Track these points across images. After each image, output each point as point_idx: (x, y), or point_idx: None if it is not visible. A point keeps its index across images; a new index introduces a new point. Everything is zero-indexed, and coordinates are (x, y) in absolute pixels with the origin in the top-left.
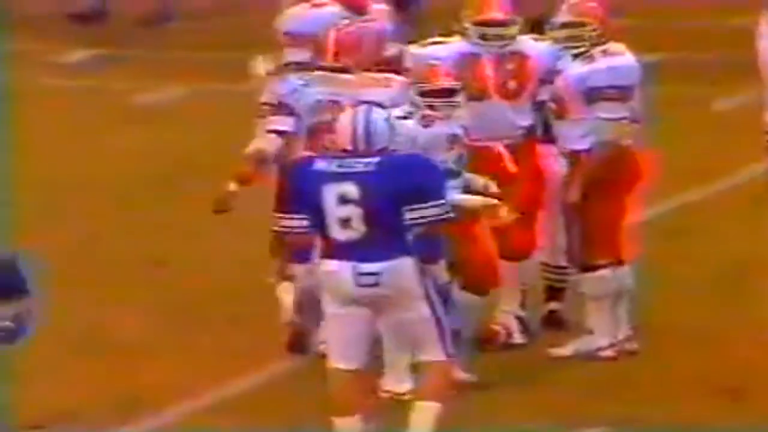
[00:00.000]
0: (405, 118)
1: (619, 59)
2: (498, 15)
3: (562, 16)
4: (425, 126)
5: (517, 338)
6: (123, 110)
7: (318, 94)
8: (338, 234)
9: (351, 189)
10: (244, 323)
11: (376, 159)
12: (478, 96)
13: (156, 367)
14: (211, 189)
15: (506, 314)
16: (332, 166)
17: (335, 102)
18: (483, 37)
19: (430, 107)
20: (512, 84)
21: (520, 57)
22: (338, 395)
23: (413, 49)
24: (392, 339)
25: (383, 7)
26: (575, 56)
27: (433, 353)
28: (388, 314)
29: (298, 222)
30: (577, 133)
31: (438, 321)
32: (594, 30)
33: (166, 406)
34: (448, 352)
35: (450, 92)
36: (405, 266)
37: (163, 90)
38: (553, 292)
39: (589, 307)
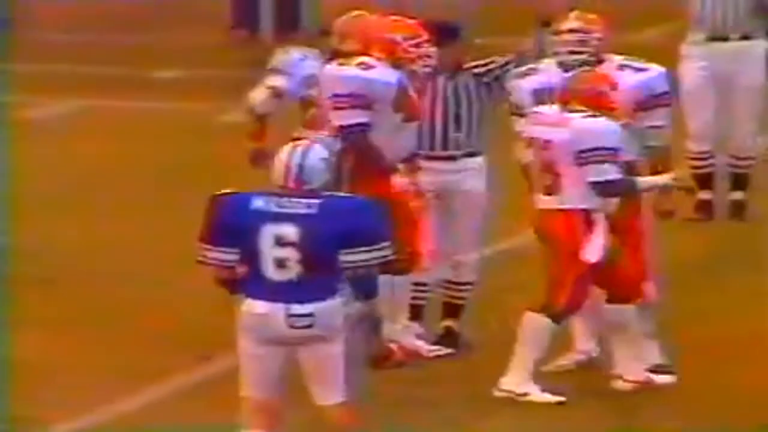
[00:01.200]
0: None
1: (656, 67)
2: None
3: (569, 23)
4: None
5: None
6: (11, 125)
7: (313, 68)
8: (272, 274)
9: (291, 231)
10: (142, 339)
11: (318, 201)
12: None
13: (51, 385)
14: (104, 205)
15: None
16: (271, 206)
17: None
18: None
19: None
20: None
21: None
22: (251, 418)
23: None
24: (304, 373)
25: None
26: (581, 63)
27: (333, 395)
28: (308, 350)
29: (226, 256)
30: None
31: (346, 359)
32: (599, 39)
33: (60, 424)
34: (344, 395)
35: None
36: (336, 306)
37: (55, 105)
38: (451, 309)
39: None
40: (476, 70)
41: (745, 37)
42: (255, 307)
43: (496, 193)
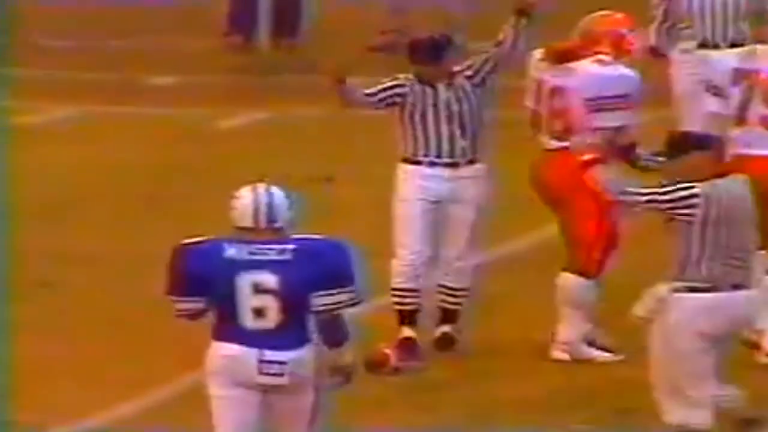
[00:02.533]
0: None
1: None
2: None
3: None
4: None
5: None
6: (9, 131)
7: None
8: (248, 322)
9: (268, 278)
10: (140, 344)
11: (290, 246)
12: None
13: (49, 389)
14: (101, 210)
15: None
16: (244, 253)
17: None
18: None
19: None
20: None
21: None
22: None
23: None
24: (268, 421)
25: None
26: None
27: None
28: (277, 398)
29: (196, 305)
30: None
31: (315, 410)
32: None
33: (58, 429)
34: None
35: None
36: (308, 355)
37: (51, 111)
38: (447, 315)
39: None
40: (466, 73)
41: (735, 45)
42: (225, 348)
43: (494, 198)
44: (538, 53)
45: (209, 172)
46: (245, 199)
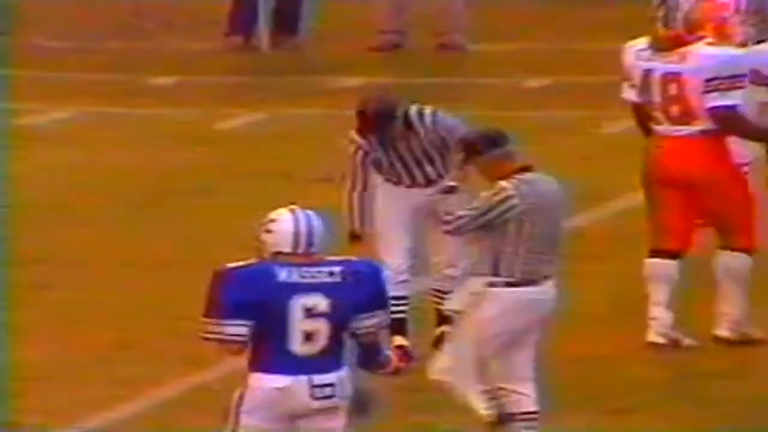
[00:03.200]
0: None
1: None
2: None
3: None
4: None
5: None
6: (8, 132)
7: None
8: (297, 347)
9: (320, 301)
10: (137, 346)
11: (337, 268)
12: None
13: (46, 391)
14: (100, 212)
15: None
16: (295, 276)
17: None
18: None
19: None
20: None
21: None
22: None
23: None
24: None
25: None
26: None
27: None
28: (312, 422)
29: (240, 330)
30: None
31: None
32: None
33: (54, 429)
34: None
35: None
36: (348, 374)
37: (49, 112)
38: (444, 316)
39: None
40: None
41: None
42: (273, 381)
43: None
44: (637, 44)
45: (209, 172)
46: (284, 224)
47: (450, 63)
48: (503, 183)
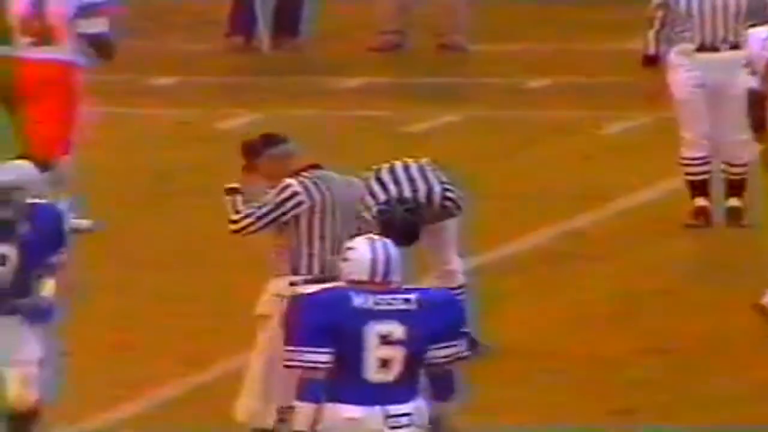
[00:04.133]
0: None
1: None
2: None
3: None
4: None
5: None
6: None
7: None
8: (372, 375)
9: (396, 329)
10: (137, 346)
11: (413, 296)
12: None
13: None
14: (100, 212)
15: None
16: (371, 303)
17: None
18: None
19: None
20: None
21: None
22: None
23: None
24: None
25: None
26: None
27: None
28: None
29: (321, 357)
30: None
31: None
32: None
33: (55, 428)
34: None
35: None
36: (423, 405)
37: None
38: None
39: None
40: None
41: (735, 47)
42: (347, 411)
43: (492, 201)
44: (761, 33)
45: (210, 172)
46: (362, 252)
47: (450, 63)
48: (288, 180)
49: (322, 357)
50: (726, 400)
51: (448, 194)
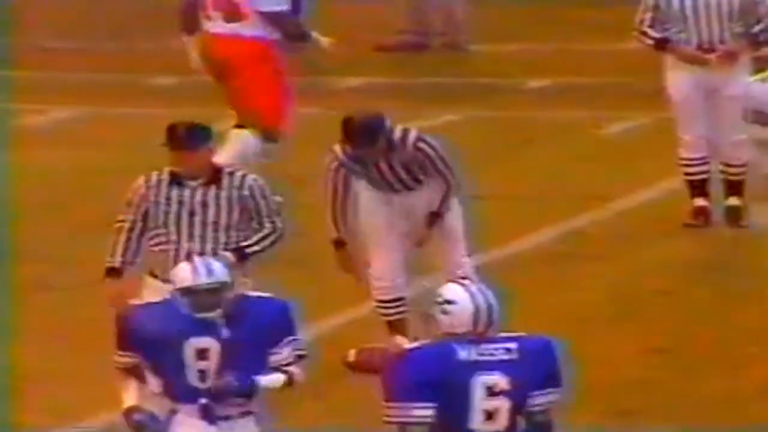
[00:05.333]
0: None
1: None
2: None
3: None
4: None
5: None
6: (9, 132)
7: None
8: (478, 426)
9: (500, 380)
10: None
11: (513, 345)
12: None
13: (46, 391)
14: (101, 212)
15: None
16: (474, 354)
17: None
18: None
19: None
20: None
21: None
22: None
23: None
24: None
25: None
26: None
27: None
28: None
29: (425, 412)
30: None
31: None
32: None
33: (55, 429)
34: None
35: None
36: None
37: (50, 112)
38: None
39: None
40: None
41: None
42: None
43: (492, 201)
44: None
45: None
46: (463, 305)
47: (451, 63)
48: (140, 180)
49: (427, 412)
50: (726, 400)
51: (424, 139)
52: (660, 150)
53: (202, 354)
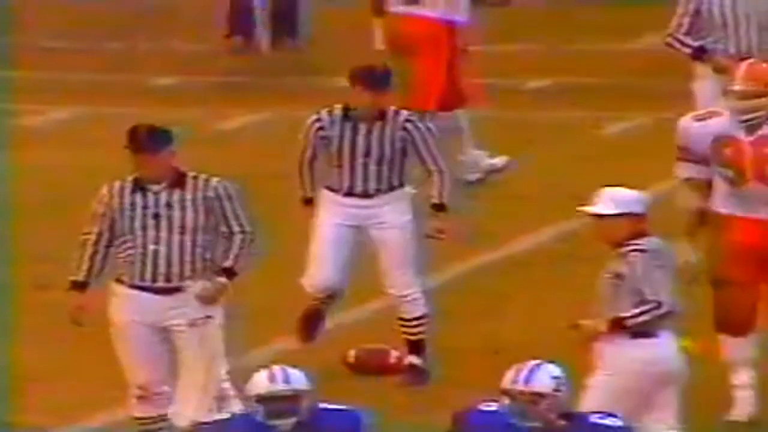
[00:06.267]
0: None
1: None
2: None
3: (738, 84)
4: None
5: None
6: (8, 132)
7: None
8: None
9: None
10: None
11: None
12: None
13: (44, 391)
14: None
15: None
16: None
17: None
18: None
19: None
20: None
21: None
22: None
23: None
24: None
25: None
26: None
27: None
28: None
29: None
30: None
31: None
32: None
33: (54, 429)
34: None
35: None
36: None
37: (49, 112)
38: (411, 346)
39: None
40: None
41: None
42: None
43: (492, 201)
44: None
45: (209, 172)
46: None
47: None
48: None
49: None
50: (726, 400)
51: (411, 120)
52: (660, 150)
53: None
